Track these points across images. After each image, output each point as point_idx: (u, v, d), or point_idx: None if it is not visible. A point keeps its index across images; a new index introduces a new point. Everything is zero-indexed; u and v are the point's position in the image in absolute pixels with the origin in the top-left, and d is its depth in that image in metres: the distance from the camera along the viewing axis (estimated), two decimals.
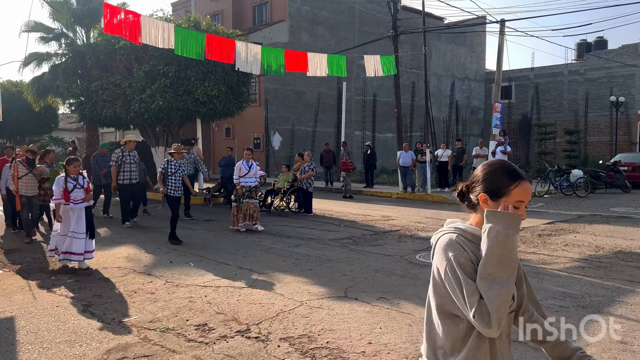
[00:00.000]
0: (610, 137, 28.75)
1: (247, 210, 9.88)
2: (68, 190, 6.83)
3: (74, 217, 6.87)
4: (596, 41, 33.38)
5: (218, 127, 26.47)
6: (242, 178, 10.00)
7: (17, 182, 8.83)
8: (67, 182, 6.88)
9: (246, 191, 9.97)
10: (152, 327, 4.73)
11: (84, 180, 7.04)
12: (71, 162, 7.00)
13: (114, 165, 10.53)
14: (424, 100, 18.39)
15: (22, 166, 8.92)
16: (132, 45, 13.14)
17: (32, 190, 9.01)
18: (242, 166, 10.07)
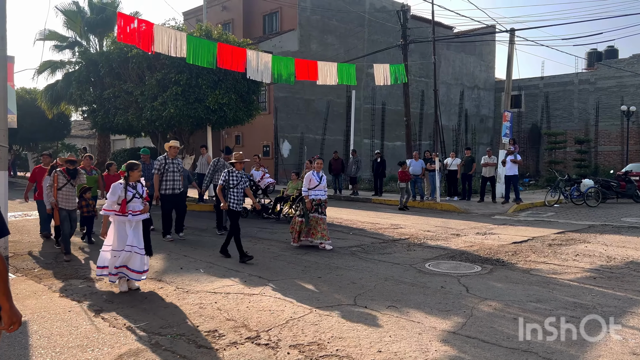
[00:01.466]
0: (622, 147, 28.56)
1: (316, 226, 8.86)
2: (127, 199, 6.06)
3: (130, 230, 6.10)
4: (607, 50, 33.29)
5: (228, 135, 26.63)
6: (312, 190, 8.95)
7: (57, 193, 8.10)
8: (126, 190, 6.13)
9: (316, 205, 8.94)
10: (163, 333, 4.76)
11: (143, 189, 6.34)
12: (133, 167, 6.20)
13: (157, 174, 9.67)
14: (433, 108, 18.40)
15: (62, 176, 8.16)
16: (144, 53, 13.32)
17: (72, 203, 8.25)
18: (313, 177, 8.99)
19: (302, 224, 8.93)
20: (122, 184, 6.11)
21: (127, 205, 6.06)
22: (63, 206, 8.09)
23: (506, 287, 6.40)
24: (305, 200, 8.97)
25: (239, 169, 8.16)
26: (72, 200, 8.23)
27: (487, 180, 16.75)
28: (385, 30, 27.25)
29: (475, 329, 4.82)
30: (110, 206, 6.08)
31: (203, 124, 15.36)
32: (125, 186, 6.12)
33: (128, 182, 6.15)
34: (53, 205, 8.06)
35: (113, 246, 6.09)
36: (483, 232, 10.87)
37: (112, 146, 28.95)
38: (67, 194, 8.14)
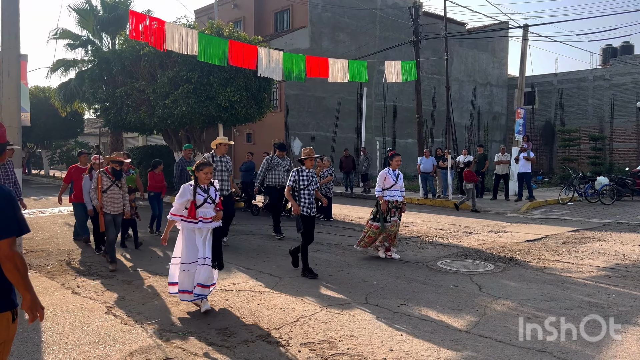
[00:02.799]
0: (637, 144, 28.14)
1: (391, 233, 7.84)
2: (196, 204, 5.26)
3: (200, 240, 5.26)
4: (622, 46, 32.82)
5: (239, 133, 26.68)
6: (388, 190, 7.84)
7: (101, 196, 7.37)
8: (196, 193, 5.32)
9: (392, 207, 7.87)
10: (174, 330, 4.77)
11: (216, 194, 5.49)
12: (202, 167, 5.35)
13: None
14: (445, 105, 18.26)
15: (107, 177, 7.43)
16: (156, 51, 13.36)
17: (118, 207, 7.47)
18: (388, 175, 7.90)
19: (377, 228, 7.78)
20: (191, 185, 5.33)
21: (196, 211, 5.24)
22: (108, 210, 7.36)
23: (520, 285, 6.32)
24: (380, 202, 7.79)
25: (309, 166, 7.00)
26: (118, 203, 7.46)
27: (500, 177, 16.59)
28: (397, 27, 27.09)
29: (488, 328, 4.76)
30: (178, 210, 5.28)
31: (214, 121, 15.39)
32: (195, 188, 5.30)
33: (198, 184, 5.34)
34: (97, 210, 7.37)
35: (182, 259, 5.28)
36: (496, 230, 10.76)
37: (125, 144, 29.12)
38: (113, 197, 7.40)
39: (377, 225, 7.77)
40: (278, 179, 10.18)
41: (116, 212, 7.45)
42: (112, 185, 7.41)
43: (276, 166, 10.15)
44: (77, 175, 8.94)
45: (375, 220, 7.84)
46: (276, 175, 10.21)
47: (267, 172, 10.25)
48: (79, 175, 8.87)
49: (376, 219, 7.81)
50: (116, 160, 7.57)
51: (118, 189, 7.47)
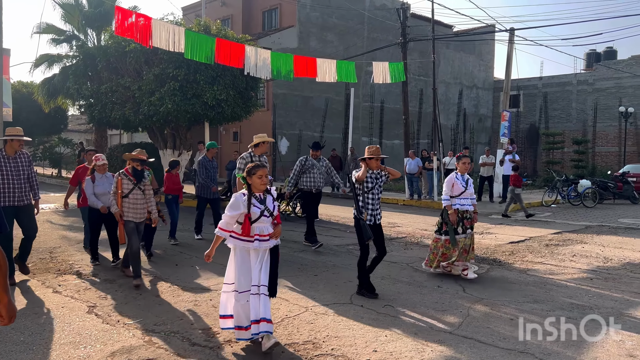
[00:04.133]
0: (619, 148, 28.57)
1: (465, 246, 6.71)
2: (251, 219, 4.28)
3: (256, 262, 4.31)
4: (605, 51, 33.28)
5: (226, 131, 26.56)
6: (457, 198, 6.77)
7: (121, 202, 6.38)
8: (250, 204, 4.31)
9: (464, 218, 6.76)
10: (156, 330, 4.72)
11: (274, 205, 4.47)
12: (256, 170, 4.34)
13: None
14: (432, 107, 18.35)
15: (128, 179, 6.46)
16: (142, 48, 13.22)
17: (141, 213, 6.48)
18: (457, 181, 6.80)
19: (447, 243, 6.74)
20: (244, 194, 4.34)
21: (252, 227, 4.28)
22: (130, 217, 6.37)
23: (503, 287, 6.37)
24: (448, 212, 6.72)
25: (374, 167, 5.88)
26: (141, 209, 6.45)
27: (485, 179, 16.74)
28: (385, 28, 27.17)
29: (472, 329, 4.79)
30: (228, 225, 4.34)
31: (201, 119, 15.29)
32: (250, 198, 4.32)
33: (252, 193, 4.37)
34: (117, 218, 6.42)
35: (235, 285, 4.35)
36: (480, 232, 10.84)
37: (109, 141, 28.81)
38: (135, 202, 6.39)
39: (447, 238, 6.71)
40: (313, 182, 8.88)
41: (139, 219, 6.45)
42: (134, 188, 6.42)
43: (311, 168, 8.91)
44: (85, 176, 7.91)
45: (441, 232, 6.80)
46: (311, 178, 8.88)
47: (301, 175, 9.00)
48: (83, 176, 7.97)
49: (442, 231, 6.79)
50: (138, 158, 6.51)
51: (141, 192, 6.45)
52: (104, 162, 7.28)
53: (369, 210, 5.87)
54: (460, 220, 6.73)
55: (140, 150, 6.72)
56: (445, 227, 6.77)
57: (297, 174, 9.02)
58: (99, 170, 7.28)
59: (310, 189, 8.91)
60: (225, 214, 4.34)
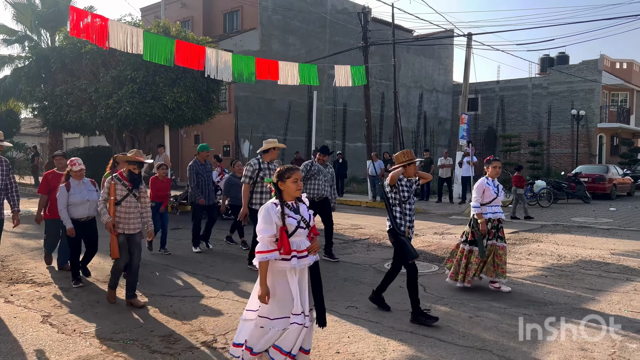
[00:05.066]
0: (572, 149, 29.69)
1: (494, 257, 6.22)
2: (288, 232, 3.53)
3: (295, 284, 3.55)
4: (558, 56, 34.53)
5: (187, 134, 26.17)
6: (488, 206, 6.26)
7: (114, 210, 5.48)
8: (285, 215, 3.55)
9: (494, 227, 6.27)
10: (115, 339, 4.60)
11: (310, 214, 3.73)
12: (289, 173, 3.62)
13: (247, 182, 7.06)
14: (393, 110, 18.62)
15: (122, 184, 5.56)
16: (99, 49, 12.91)
17: (134, 224, 5.60)
18: (488, 187, 6.28)
19: (469, 254, 6.22)
20: (276, 204, 3.58)
21: (289, 242, 3.53)
22: (123, 229, 5.53)
23: (463, 286, 6.51)
24: (479, 221, 6.14)
25: (411, 174, 5.42)
26: (134, 219, 5.59)
27: (444, 181, 17.09)
28: (347, 32, 27.39)
29: (433, 328, 4.87)
30: (269, 245, 3.48)
31: (160, 122, 15.03)
32: (283, 208, 3.57)
33: (285, 201, 3.62)
34: (109, 229, 5.47)
35: (264, 310, 3.55)
36: (440, 232, 11.06)
37: (65, 145, 27.91)
38: (129, 211, 5.54)
39: (470, 249, 6.22)
40: (317, 189, 8.00)
41: (133, 230, 5.60)
42: (128, 195, 5.55)
43: (317, 174, 7.98)
44: (56, 183, 6.97)
45: (469, 242, 6.25)
46: (316, 185, 7.99)
47: (307, 182, 7.95)
48: (57, 184, 6.96)
49: (468, 241, 6.26)
50: (134, 160, 5.65)
51: (135, 200, 5.61)
52: (81, 167, 6.46)
53: (406, 223, 5.25)
54: (489, 230, 6.18)
55: (136, 151, 5.88)
56: (471, 236, 6.20)
57: (304, 181, 7.81)
58: (76, 176, 6.42)
59: (314, 196, 7.88)
60: (260, 232, 3.49)
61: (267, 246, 3.48)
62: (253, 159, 7.23)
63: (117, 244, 5.51)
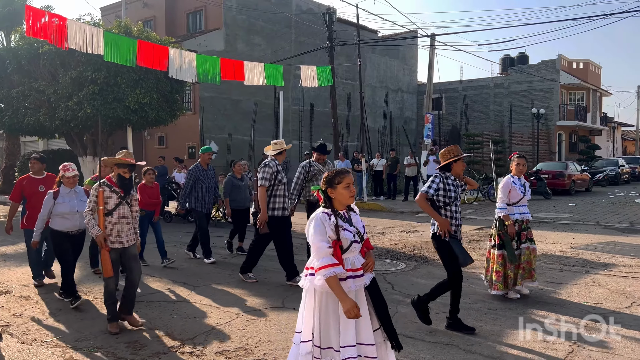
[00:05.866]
0: (533, 147, 30.55)
1: (527, 262, 5.83)
2: (343, 247, 3.04)
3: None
4: (518, 56, 35.48)
5: (150, 136, 25.70)
6: (515, 206, 5.87)
7: (104, 221, 4.80)
8: (339, 226, 3.06)
9: (523, 229, 5.88)
10: (78, 347, 4.47)
11: (363, 224, 3.29)
12: (340, 178, 3.14)
13: (264, 185, 6.36)
14: (360, 110, 18.74)
15: (112, 191, 4.89)
16: (57, 50, 12.54)
17: (128, 237, 4.96)
18: (514, 186, 5.85)
19: (500, 259, 5.74)
20: (329, 214, 3.09)
21: (344, 259, 3.04)
22: (115, 242, 4.84)
23: (429, 283, 6.58)
24: (506, 223, 5.73)
25: (458, 172, 4.95)
26: (128, 230, 4.95)
27: (410, 179, 17.32)
28: (312, 32, 27.43)
29: (401, 325, 4.92)
30: (330, 256, 2.97)
31: (123, 124, 14.70)
32: (335, 218, 3.09)
33: (336, 210, 3.13)
34: (99, 243, 4.79)
35: (316, 338, 3.06)
36: (407, 230, 11.20)
37: (23, 148, 26.98)
38: (122, 221, 4.87)
39: (500, 253, 5.75)
40: None
41: (128, 243, 4.95)
42: (120, 203, 4.88)
43: (316, 174, 7.31)
44: (31, 189, 6.34)
45: (497, 246, 5.80)
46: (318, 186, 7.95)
47: (305, 183, 7.38)
48: (34, 190, 6.34)
49: (496, 245, 5.82)
50: (124, 163, 4.95)
51: (128, 208, 4.95)
52: (75, 173, 5.80)
53: (452, 227, 4.79)
54: (519, 233, 5.81)
55: (126, 152, 5.15)
56: (499, 239, 5.78)
57: (302, 182, 7.36)
58: (68, 183, 5.79)
59: (317, 199, 7.60)
60: (317, 243, 2.98)
61: (331, 258, 2.94)
62: (268, 160, 6.58)
63: (111, 260, 4.80)
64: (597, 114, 35.52)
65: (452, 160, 4.87)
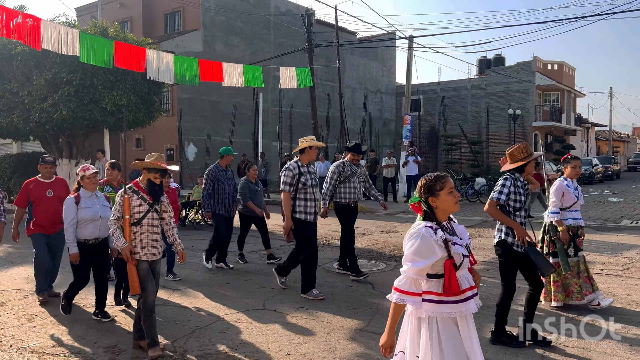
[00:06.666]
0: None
1: (583, 272, 5.43)
2: (456, 265, 2.64)
3: (467, 334, 2.69)
4: (495, 58, 36.00)
5: (128, 138, 25.38)
6: (568, 211, 5.45)
7: (130, 231, 4.30)
8: (448, 240, 2.66)
9: (577, 236, 5.45)
10: (55, 353, 4.40)
11: (465, 232, 2.95)
12: (443, 182, 2.76)
13: (287, 191, 5.99)
14: (339, 112, 18.80)
15: (140, 198, 4.35)
16: (31, 51, 12.32)
17: (157, 248, 4.45)
18: (568, 189, 5.45)
19: (557, 269, 5.26)
20: (432, 227, 2.66)
21: (459, 280, 2.66)
22: (144, 255, 4.33)
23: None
24: (559, 229, 5.30)
25: (530, 173, 4.64)
26: (157, 241, 4.43)
27: (388, 180, 17.44)
28: (291, 34, 27.43)
29: (381, 325, 4.94)
30: (416, 284, 2.67)
31: (99, 126, 14.50)
32: (443, 232, 2.68)
33: (440, 222, 2.74)
34: (126, 257, 4.25)
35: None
36: (387, 230, 11.28)
37: None
38: (151, 231, 4.37)
39: (557, 262, 5.31)
40: (353, 193, 7.11)
41: (156, 256, 4.43)
42: (149, 211, 4.38)
43: (350, 176, 7.02)
44: (38, 194, 5.89)
45: (551, 254, 5.40)
46: (350, 188, 7.08)
47: (337, 185, 7.07)
48: (41, 194, 5.89)
49: (551, 253, 5.41)
50: (155, 167, 4.41)
51: (157, 216, 4.45)
52: (95, 170, 5.31)
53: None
54: (572, 239, 5.38)
55: (158, 155, 4.53)
56: (553, 247, 5.39)
57: (334, 184, 7.05)
58: (88, 186, 5.26)
59: (349, 201, 7.08)
60: (408, 262, 2.63)
61: (410, 285, 2.63)
62: (291, 163, 6.10)
63: (138, 274, 4.26)
64: (571, 114, 36.26)
65: (526, 161, 4.41)
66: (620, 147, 53.23)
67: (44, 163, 6.06)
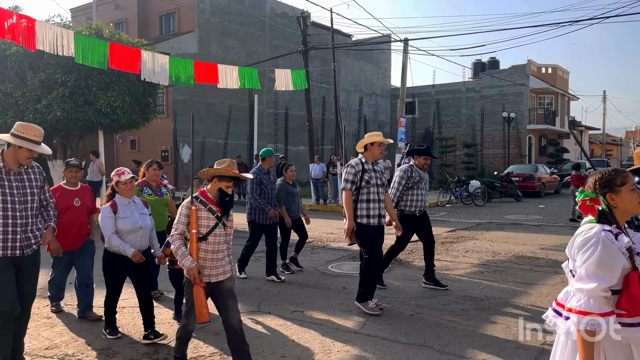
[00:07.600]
0: (504, 150, 31.15)
1: None
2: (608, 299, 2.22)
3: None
4: (489, 61, 36.16)
5: (122, 140, 25.33)
6: None
7: (196, 248, 3.74)
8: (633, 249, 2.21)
9: None
10: (48, 355, 4.38)
11: None
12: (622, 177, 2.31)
13: (349, 189, 5.49)
14: (335, 114, 18.82)
15: (208, 210, 3.80)
16: (25, 51, 12.28)
17: (226, 265, 3.90)
18: None
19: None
20: (611, 231, 2.22)
21: None
22: (208, 276, 3.79)
23: (403, 284, 6.68)
24: None
25: None
26: (225, 258, 3.90)
27: None
28: (286, 36, 27.45)
29: (375, 327, 4.97)
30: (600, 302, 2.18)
31: (94, 128, 14.44)
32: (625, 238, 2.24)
33: (620, 226, 2.31)
34: (193, 277, 3.66)
35: None
36: None
37: None
38: (217, 248, 3.81)
39: None
40: (422, 200, 6.53)
41: (223, 275, 3.85)
42: (217, 225, 3.81)
43: (418, 182, 6.50)
44: (65, 203, 5.14)
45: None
46: (419, 196, 6.49)
47: (406, 192, 6.49)
48: (68, 204, 5.19)
49: None
50: (227, 175, 3.87)
51: (224, 231, 3.88)
52: (132, 175, 4.77)
53: None
54: None
55: (230, 162, 3.99)
56: None
57: (402, 190, 6.47)
58: (124, 192, 4.71)
59: (414, 210, 6.49)
60: (590, 280, 2.16)
61: (599, 305, 2.14)
62: (354, 160, 5.65)
63: (205, 300, 3.69)
64: (565, 117, 36.45)
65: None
66: (614, 151, 53.56)
67: (68, 167, 5.36)
